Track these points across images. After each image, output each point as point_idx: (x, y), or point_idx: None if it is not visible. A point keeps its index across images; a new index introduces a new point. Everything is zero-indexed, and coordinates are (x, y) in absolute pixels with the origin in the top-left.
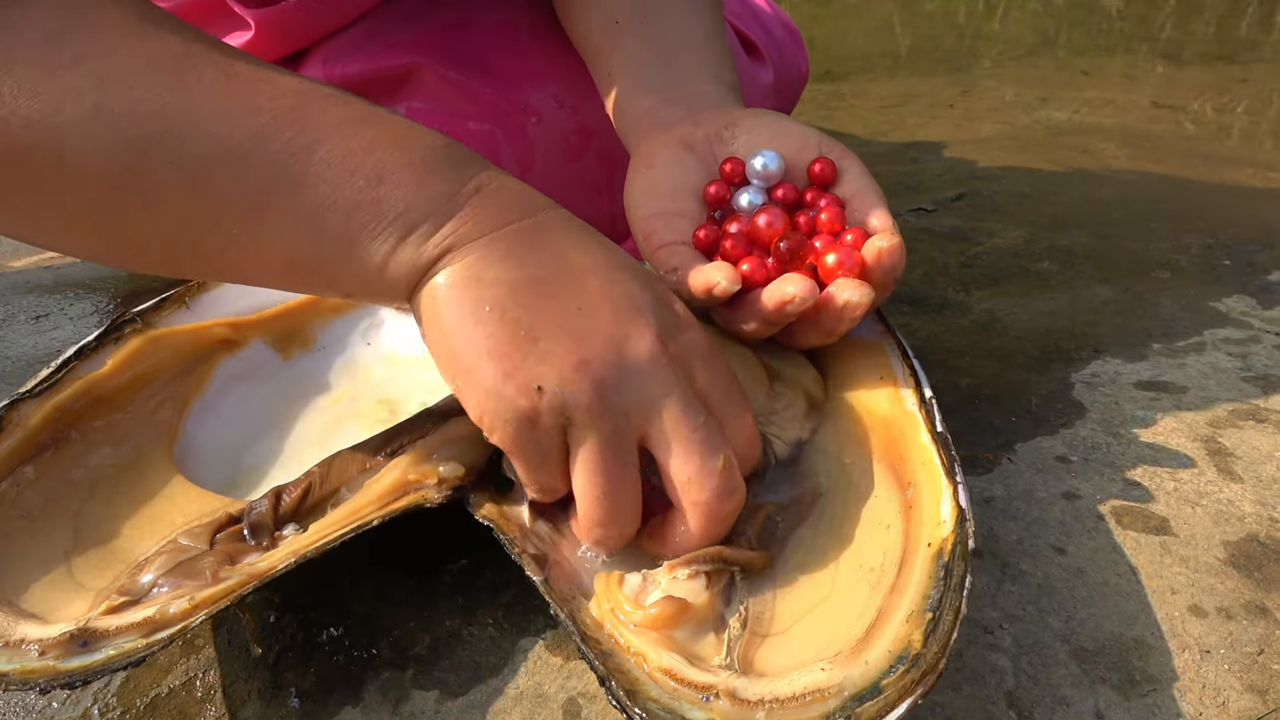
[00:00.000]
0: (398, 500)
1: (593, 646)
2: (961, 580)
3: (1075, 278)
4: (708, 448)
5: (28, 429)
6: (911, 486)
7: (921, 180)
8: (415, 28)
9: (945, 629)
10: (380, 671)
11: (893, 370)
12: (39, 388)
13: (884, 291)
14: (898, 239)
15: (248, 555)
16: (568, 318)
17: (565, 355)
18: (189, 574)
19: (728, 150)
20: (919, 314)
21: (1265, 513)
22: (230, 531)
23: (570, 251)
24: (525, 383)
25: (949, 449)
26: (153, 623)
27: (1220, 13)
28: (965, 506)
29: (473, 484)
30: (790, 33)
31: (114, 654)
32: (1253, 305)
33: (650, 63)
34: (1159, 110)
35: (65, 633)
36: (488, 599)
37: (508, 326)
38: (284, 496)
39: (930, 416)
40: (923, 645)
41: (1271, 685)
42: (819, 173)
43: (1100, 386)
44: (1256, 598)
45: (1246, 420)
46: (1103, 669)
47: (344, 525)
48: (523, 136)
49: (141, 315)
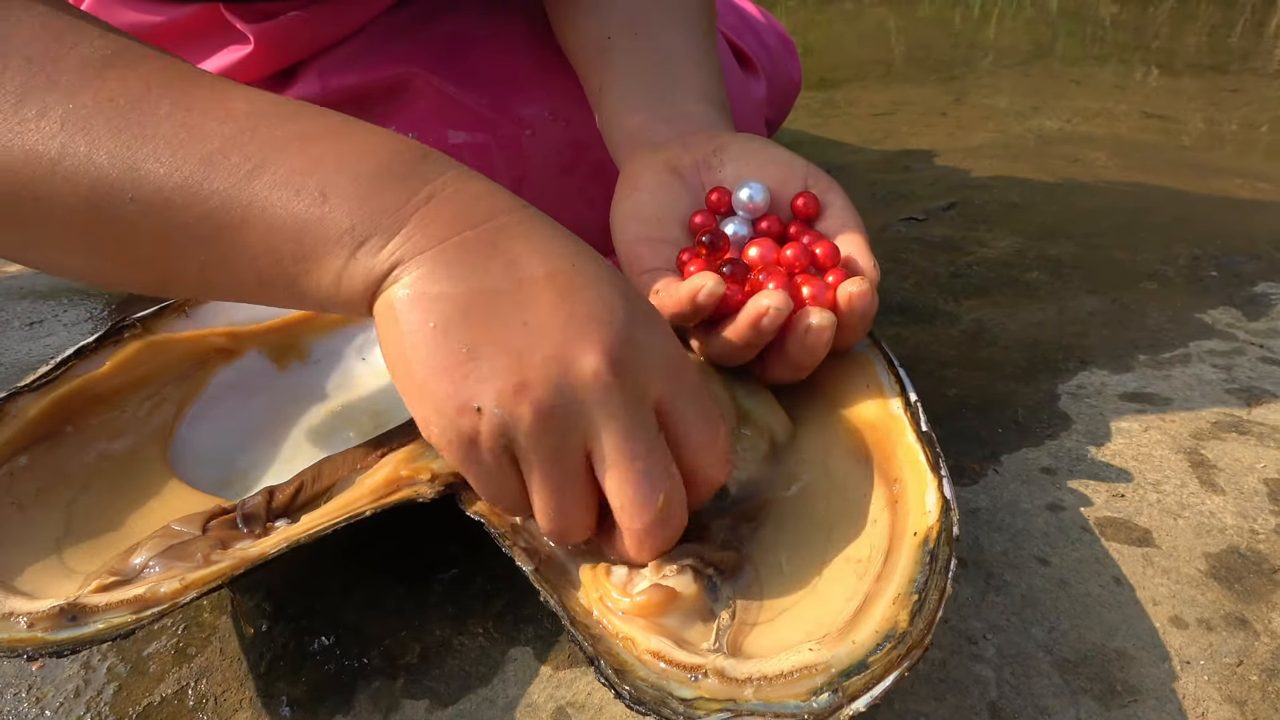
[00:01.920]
0: (390, 494)
1: (582, 631)
2: (946, 563)
3: (1064, 288)
4: (646, 480)
5: (25, 420)
6: (898, 482)
7: (913, 189)
8: (411, 40)
9: (930, 608)
10: (371, 680)
11: (879, 379)
12: (38, 382)
13: (854, 336)
14: (869, 285)
15: (240, 541)
16: (511, 334)
17: (505, 375)
18: (180, 556)
19: (715, 177)
20: (909, 323)
21: (1246, 525)
22: (223, 519)
23: (526, 259)
24: (465, 403)
25: (933, 446)
26: (142, 600)
27: (1212, 22)
28: (950, 497)
29: (464, 481)
30: (784, 42)
31: (103, 627)
32: (1238, 317)
33: (640, 81)
34: (1150, 120)
35: (54, 606)
36: (478, 608)
37: (451, 344)
38: (276, 494)
39: (915, 418)
40: (909, 624)
41: (1250, 696)
42: (802, 207)
43: (1086, 398)
44: (1237, 609)
45: (1229, 432)
46: (1084, 680)
47: (337, 516)
48: (517, 149)
49: (142, 321)
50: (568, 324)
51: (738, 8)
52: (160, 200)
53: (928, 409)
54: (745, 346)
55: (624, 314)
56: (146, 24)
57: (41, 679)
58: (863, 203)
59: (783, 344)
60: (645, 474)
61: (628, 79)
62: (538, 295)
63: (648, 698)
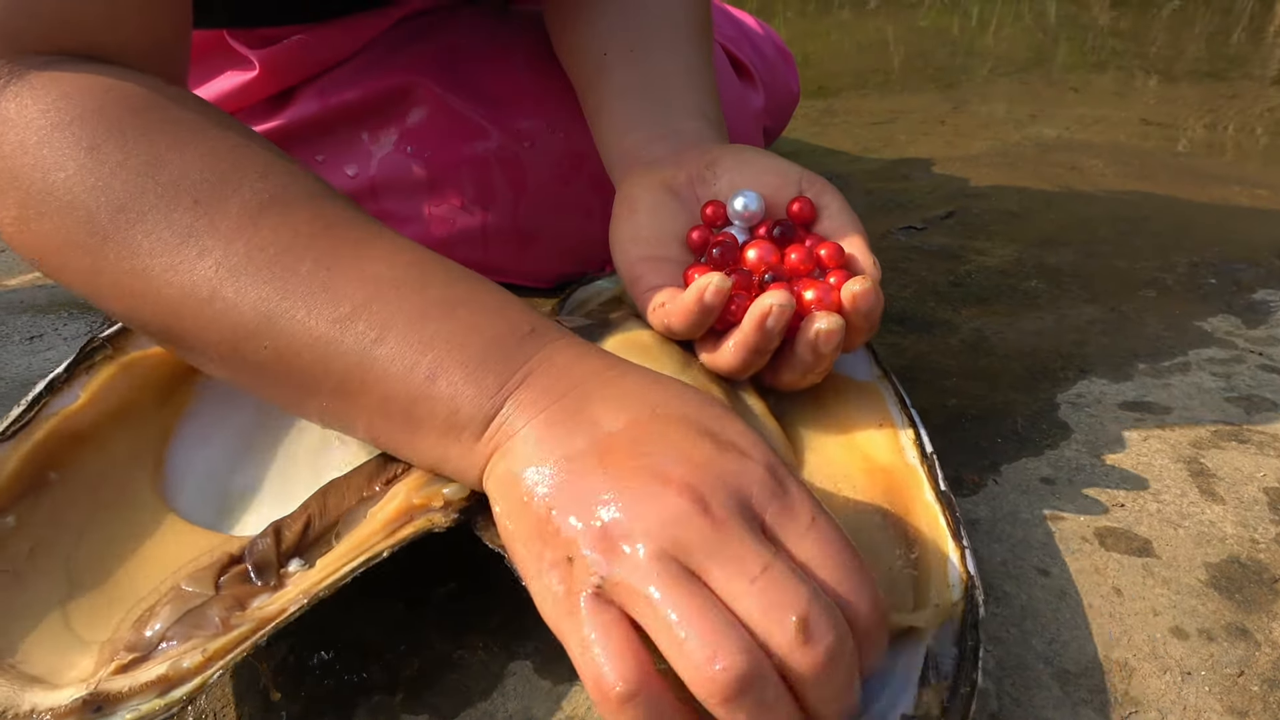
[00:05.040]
0: (404, 527)
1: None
2: (975, 650)
3: (1063, 297)
4: (773, 589)
5: (3, 476)
6: (916, 544)
7: (912, 198)
8: (410, 53)
9: (962, 701)
10: (370, 695)
11: (891, 417)
12: (12, 429)
13: (861, 336)
14: (871, 283)
15: (256, 597)
16: (593, 484)
17: (588, 529)
18: (198, 623)
19: (710, 191)
20: (908, 333)
21: (1246, 534)
22: (234, 573)
23: (606, 417)
24: (556, 558)
25: (954, 510)
26: (167, 680)
27: (1210, 29)
28: (974, 573)
29: (479, 505)
30: (781, 53)
31: (131, 718)
32: (1237, 325)
33: (635, 98)
34: (1148, 127)
35: (77, 699)
36: (477, 622)
37: (540, 513)
38: (284, 531)
39: (933, 472)
40: (940, 716)
41: (1251, 707)
42: (798, 212)
43: (1085, 407)
44: (1237, 619)
45: (1229, 441)
46: (1085, 691)
47: (353, 558)
48: (516, 161)
49: (110, 340)
50: (638, 472)
51: (735, 18)
52: (291, 353)
53: (927, 420)
54: (754, 352)
55: (701, 439)
56: None
57: None
58: (861, 211)
59: (792, 348)
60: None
61: (623, 98)
62: (616, 446)
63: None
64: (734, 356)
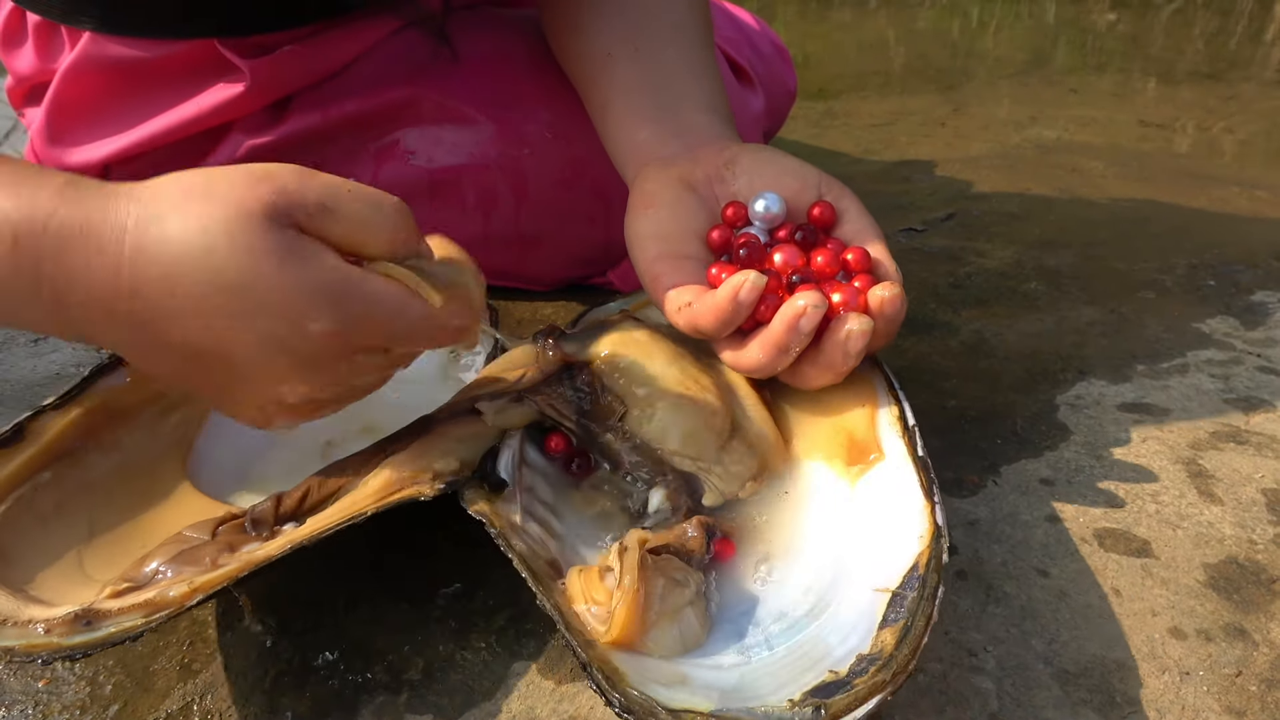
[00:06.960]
0: (392, 494)
1: (576, 636)
2: (934, 590)
3: (1062, 298)
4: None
5: (48, 438)
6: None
7: (912, 200)
8: (410, 63)
9: (916, 633)
10: (375, 695)
11: (877, 397)
12: (60, 401)
13: (882, 340)
14: (899, 289)
15: (247, 545)
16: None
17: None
18: (190, 561)
19: (729, 190)
20: (908, 334)
21: (1244, 535)
22: (232, 525)
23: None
24: None
25: (929, 471)
26: (153, 604)
27: (1209, 31)
28: (941, 524)
29: (465, 480)
30: (778, 51)
31: (114, 630)
32: (1236, 326)
33: (644, 94)
34: (1147, 129)
35: (70, 613)
36: (481, 623)
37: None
38: (284, 499)
39: (912, 442)
40: (894, 648)
41: (1249, 707)
42: (819, 216)
43: (1085, 408)
44: (1235, 620)
45: (1227, 442)
46: (1084, 691)
47: (339, 518)
48: (516, 167)
49: None
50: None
51: (731, 15)
52: None
53: (926, 421)
54: (782, 352)
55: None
56: (139, 59)
57: (48, 695)
58: None
59: (818, 348)
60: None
61: (631, 93)
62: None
63: (636, 707)
64: (761, 355)
